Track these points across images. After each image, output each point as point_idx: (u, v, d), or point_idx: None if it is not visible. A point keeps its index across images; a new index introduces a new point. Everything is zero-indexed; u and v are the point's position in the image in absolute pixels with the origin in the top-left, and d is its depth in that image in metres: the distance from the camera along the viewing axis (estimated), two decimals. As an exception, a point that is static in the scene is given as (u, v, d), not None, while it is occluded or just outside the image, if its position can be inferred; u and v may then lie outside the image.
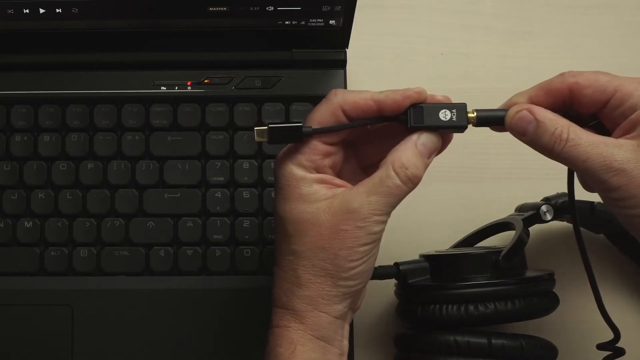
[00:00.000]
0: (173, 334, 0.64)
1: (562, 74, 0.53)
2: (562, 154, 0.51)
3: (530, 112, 0.52)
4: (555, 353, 0.60)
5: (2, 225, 0.66)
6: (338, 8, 0.64)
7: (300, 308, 0.52)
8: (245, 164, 0.67)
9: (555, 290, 0.61)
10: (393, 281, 0.61)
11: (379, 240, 0.52)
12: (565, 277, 0.57)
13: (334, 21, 0.66)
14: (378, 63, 0.73)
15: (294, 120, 0.53)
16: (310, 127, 0.53)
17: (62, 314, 0.64)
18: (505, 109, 0.53)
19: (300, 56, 0.68)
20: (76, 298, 0.64)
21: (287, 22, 0.65)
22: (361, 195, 0.51)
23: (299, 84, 0.68)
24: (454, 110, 0.53)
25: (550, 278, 0.60)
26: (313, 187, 0.53)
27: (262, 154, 0.67)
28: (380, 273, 0.59)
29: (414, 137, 0.52)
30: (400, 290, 0.62)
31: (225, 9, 0.64)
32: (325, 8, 0.64)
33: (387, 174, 0.51)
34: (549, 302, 0.60)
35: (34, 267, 0.66)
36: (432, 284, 0.60)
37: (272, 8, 0.64)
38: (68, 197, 0.66)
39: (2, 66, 0.68)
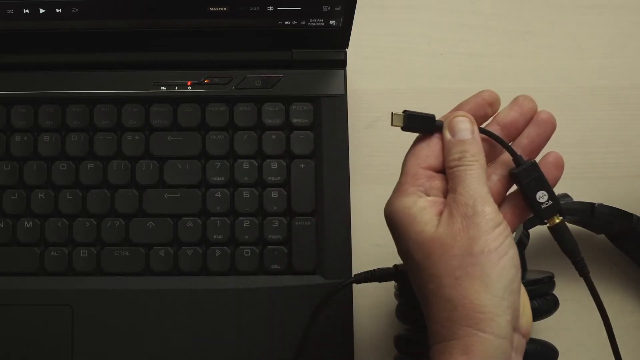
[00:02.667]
0: (173, 334, 0.64)
1: None
2: None
3: None
4: (556, 355, 0.60)
5: (2, 225, 0.66)
6: (338, 8, 0.64)
7: (462, 334, 0.47)
8: (245, 164, 0.67)
9: (555, 292, 0.61)
10: (392, 283, 0.61)
11: (504, 224, 0.49)
12: (565, 279, 0.57)
13: (334, 21, 0.66)
14: (378, 63, 0.73)
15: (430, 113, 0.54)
16: (442, 121, 0.53)
17: (62, 314, 0.64)
18: None
19: (300, 56, 0.68)
20: (76, 298, 0.64)
21: (287, 22, 0.65)
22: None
23: (299, 84, 0.68)
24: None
25: (550, 281, 0.60)
26: (426, 210, 0.50)
27: (262, 153, 0.67)
28: (380, 275, 0.59)
29: None
30: (400, 292, 0.62)
31: (225, 9, 0.64)
32: (325, 8, 0.64)
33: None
34: (549, 305, 0.60)
35: (34, 267, 0.65)
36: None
37: (272, 8, 0.64)
38: (68, 197, 0.66)
39: (2, 66, 0.68)
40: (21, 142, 0.67)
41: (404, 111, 0.53)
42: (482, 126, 0.54)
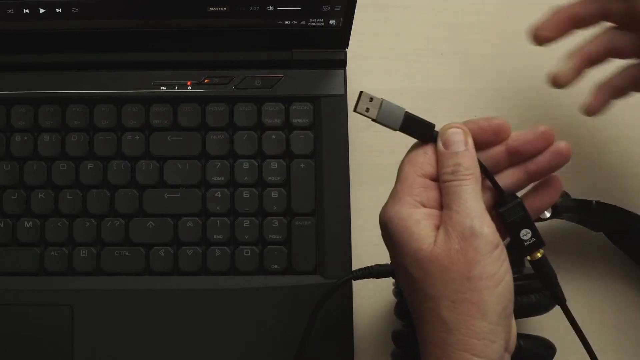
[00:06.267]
0: (173, 334, 0.64)
1: None
2: None
3: None
4: (553, 351, 0.60)
5: (2, 225, 0.66)
6: (338, 8, 0.64)
7: (457, 357, 0.47)
8: (245, 164, 0.67)
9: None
10: (391, 280, 0.61)
11: (502, 245, 0.49)
12: (563, 275, 0.57)
13: (334, 21, 0.66)
14: (378, 63, 0.73)
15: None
16: (438, 132, 0.52)
17: (62, 314, 0.64)
18: None
19: (300, 56, 0.68)
20: (76, 298, 0.64)
21: (287, 22, 0.65)
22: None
23: (299, 84, 0.68)
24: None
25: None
26: (422, 224, 0.49)
27: (262, 153, 0.67)
28: (378, 271, 0.59)
29: None
30: (398, 289, 0.62)
31: (225, 9, 0.64)
32: (325, 8, 0.64)
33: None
34: (547, 300, 0.60)
35: (34, 267, 0.65)
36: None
37: (272, 8, 0.64)
38: (68, 197, 0.66)
39: (2, 66, 0.68)
40: (21, 142, 0.67)
41: (405, 111, 0.52)
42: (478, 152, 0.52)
